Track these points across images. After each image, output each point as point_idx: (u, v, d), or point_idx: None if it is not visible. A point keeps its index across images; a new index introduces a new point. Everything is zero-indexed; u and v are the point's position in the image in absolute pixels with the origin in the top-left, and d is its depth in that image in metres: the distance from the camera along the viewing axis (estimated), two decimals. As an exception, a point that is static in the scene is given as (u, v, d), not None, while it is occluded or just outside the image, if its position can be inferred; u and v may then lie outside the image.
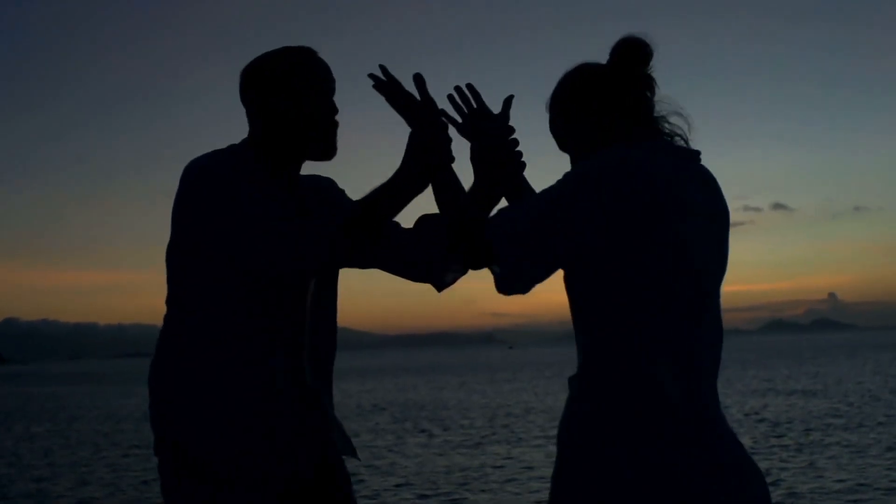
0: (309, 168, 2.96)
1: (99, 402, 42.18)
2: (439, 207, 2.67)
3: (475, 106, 2.83)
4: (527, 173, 2.81)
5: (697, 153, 2.57)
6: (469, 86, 2.85)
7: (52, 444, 22.82)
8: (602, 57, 2.66)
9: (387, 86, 2.70)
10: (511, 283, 2.44)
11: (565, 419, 2.50)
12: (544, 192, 2.44)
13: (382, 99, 2.75)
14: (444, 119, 2.78)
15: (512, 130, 2.75)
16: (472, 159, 2.75)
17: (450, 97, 2.87)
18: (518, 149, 2.75)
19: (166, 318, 2.82)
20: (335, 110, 2.84)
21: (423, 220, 2.95)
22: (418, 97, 2.70)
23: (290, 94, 2.77)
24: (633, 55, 2.59)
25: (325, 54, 2.81)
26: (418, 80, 2.67)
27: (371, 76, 2.71)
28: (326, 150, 2.84)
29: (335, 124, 2.84)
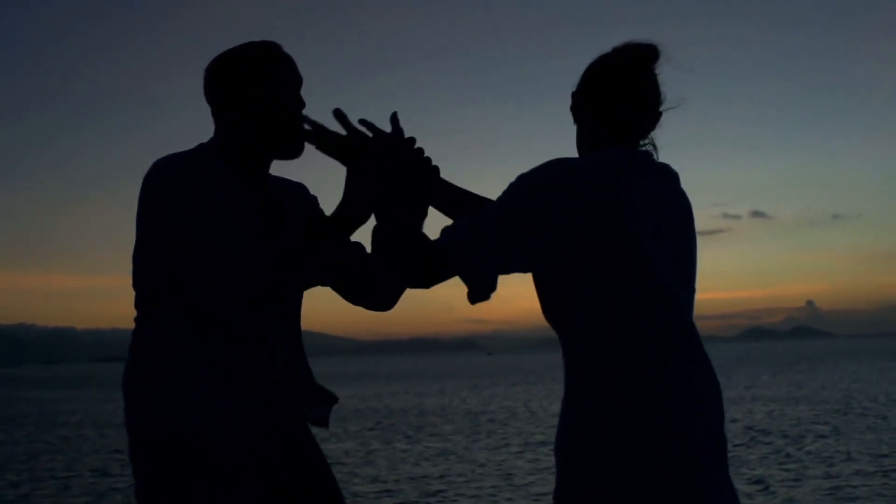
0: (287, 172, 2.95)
1: (79, 407, 41.94)
2: (379, 236, 2.62)
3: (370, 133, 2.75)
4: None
5: (649, 154, 2.62)
6: (361, 121, 2.76)
7: (33, 449, 22.67)
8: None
9: (313, 133, 2.66)
10: (476, 290, 2.46)
11: (561, 427, 2.51)
12: (495, 202, 2.49)
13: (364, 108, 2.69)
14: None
15: (412, 142, 2.71)
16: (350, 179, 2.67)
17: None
18: (427, 155, 2.74)
19: (136, 321, 2.80)
20: (302, 104, 2.81)
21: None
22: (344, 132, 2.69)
23: (257, 86, 2.75)
24: (637, 57, 2.63)
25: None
26: (339, 115, 2.64)
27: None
28: (294, 147, 2.81)
29: (303, 120, 2.81)
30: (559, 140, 2.76)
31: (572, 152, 2.69)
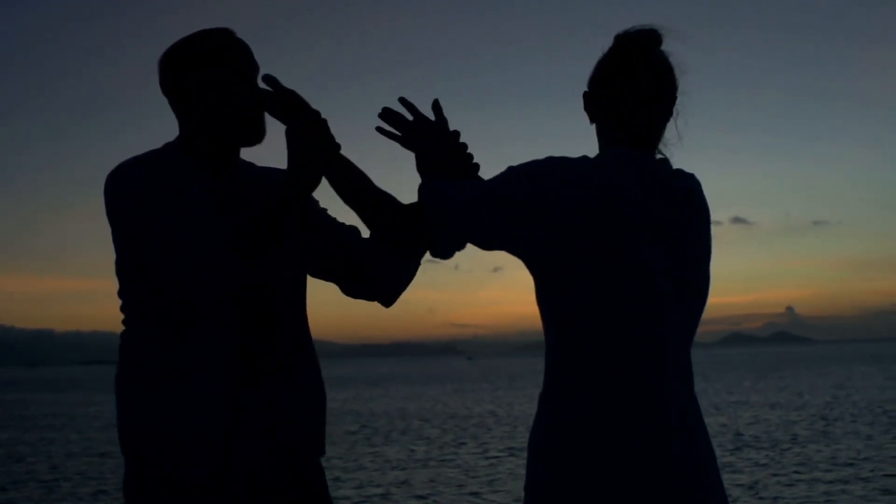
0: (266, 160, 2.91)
1: (61, 410, 41.82)
2: (343, 194, 2.55)
3: (411, 119, 2.78)
4: None
5: (664, 161, 2.58)
6: (401, 100, 2.78)
7: (17, 452, 22.59)
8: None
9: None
10: (441, 242, 2.43)
11: (551, 428, 2.48)
12: (488, 182, 2.45)
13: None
14: (382, 133, 2.77)
15: (456, 135, 2.73)
16: (419, 169, 2.72)
17: (382, 116, 2.80)
18: (469, 151, 2.73)
19: (123, 324, 2.78)
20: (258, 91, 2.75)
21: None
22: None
23: (212, 72, 2.70)
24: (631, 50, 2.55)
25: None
26: (269, 80, 2.55)
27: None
28: (254, 133, 2.76)
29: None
30: (566, 141, 2.71)
31: (579, 153, 2.65)
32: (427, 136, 2.75)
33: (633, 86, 2.53)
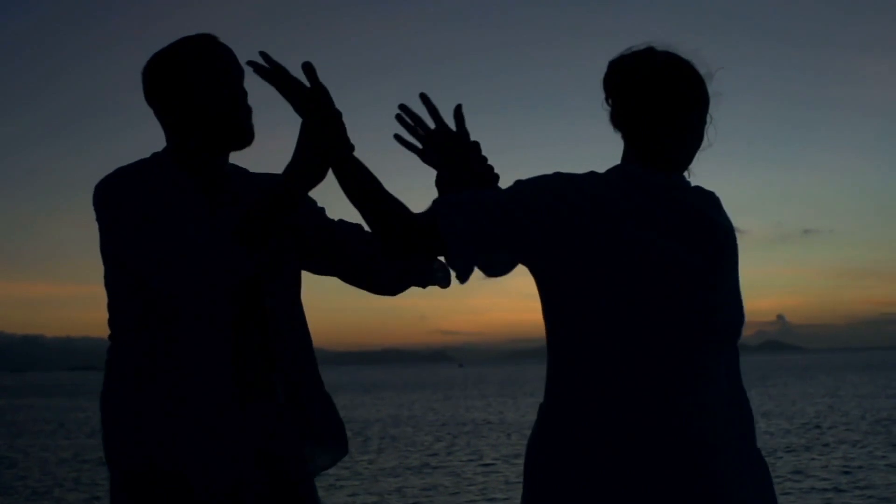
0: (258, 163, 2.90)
1: (52, 416, 41.76)
2: (352, 197, 2.48)
3: (432, 126, 2.75)
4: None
5: (678, 178, 2.54)
6: (423, 97, 2.74)
7: (7, 457, 22.54)
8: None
9: (271, 73, 2.48)
10: (461, 265, 2.38)
11: (536, 436, 2.47)
12: (497, 194, 2.42)
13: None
14: (402, 143, 2.74)
15: (477, 147, 2.69)
16: (439, 185, 2.69)
17: (398, 118, 2.77)
18: (490, 162, 2.70)
19: (109, 344, 2.75)
20: (244, 94, 2.75)
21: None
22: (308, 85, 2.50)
23: (193, 80, 2.69)
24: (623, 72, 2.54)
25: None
26: (307, 68, 2.47)
27: (250, 63, 2.48)
28: (241, 136, 2.75)
29: (247, 109, 2.76)
30: (574, 145, 2.67)
31: (582, 160, 2.63)
32: (449, 150, 2.71)
33: (627, 107, 2.52)
